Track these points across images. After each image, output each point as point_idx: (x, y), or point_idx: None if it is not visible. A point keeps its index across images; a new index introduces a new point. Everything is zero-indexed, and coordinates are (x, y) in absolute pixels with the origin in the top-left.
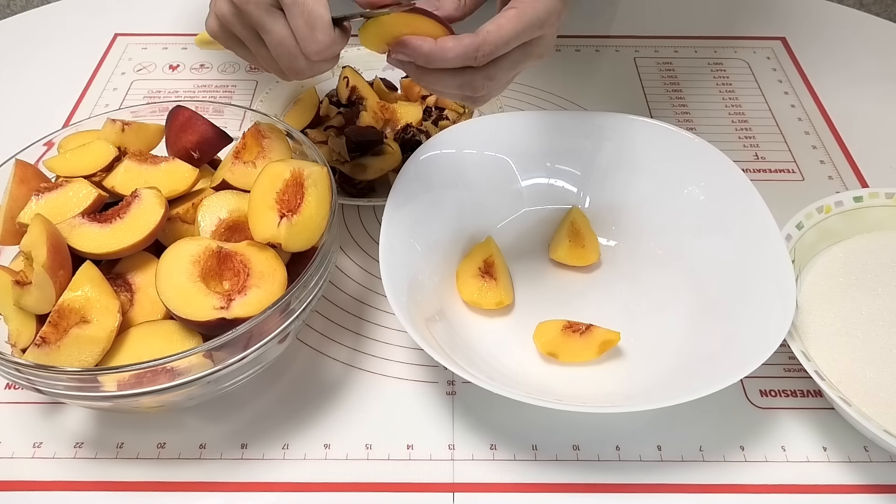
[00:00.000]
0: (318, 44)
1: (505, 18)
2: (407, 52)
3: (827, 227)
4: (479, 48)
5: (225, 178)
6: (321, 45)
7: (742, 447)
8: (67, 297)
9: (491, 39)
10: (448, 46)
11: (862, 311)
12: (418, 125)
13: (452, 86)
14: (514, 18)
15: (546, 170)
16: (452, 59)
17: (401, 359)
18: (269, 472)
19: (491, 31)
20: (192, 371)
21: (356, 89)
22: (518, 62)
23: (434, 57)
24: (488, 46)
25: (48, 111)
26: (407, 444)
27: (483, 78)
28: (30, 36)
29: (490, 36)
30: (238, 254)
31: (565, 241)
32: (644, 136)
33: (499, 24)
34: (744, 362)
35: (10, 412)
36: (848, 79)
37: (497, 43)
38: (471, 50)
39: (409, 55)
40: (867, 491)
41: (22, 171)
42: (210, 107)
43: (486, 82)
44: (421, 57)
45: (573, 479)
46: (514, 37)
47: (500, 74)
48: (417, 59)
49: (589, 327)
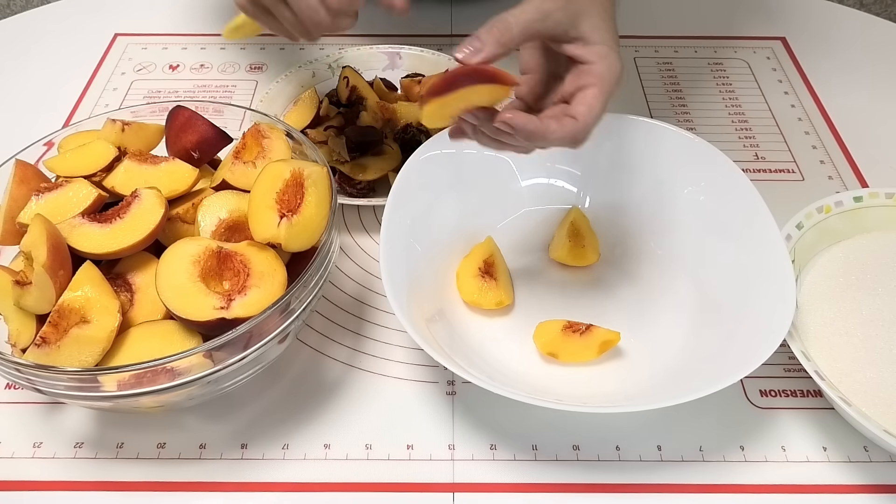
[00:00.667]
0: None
1: (592, 98)
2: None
3: (827, 227)
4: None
5: (225, 178)
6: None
7: (742, 447)
8: (67, 297)
9: (588, 123)
10: (552, 129)
11: (862, 311)
12: (418, 125)
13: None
14: (599, 97)
15: (546, 170)
16: (553, 142)
17: (401, 359)
18: (269, 472)
19: (585, 115)
20: (192, 371)
21: (356, 89)
22: None
23: (538, 135)
24: (586, 132)
25: (48, 111)
26: (407, 444)
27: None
28: (30, 36)
29: (588, 119)
30: (238, 254)
31: (565, 241)
32: (644, 136)
33: (589, 105)
34: (744, 362)
35: (10, 412)
36: (848, 79)
37: (592, 126)
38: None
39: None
40: (867, 491)
41: (22, 171)
42: (210, 107)
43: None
44: (526, 134)
45: (573, 479)
46: (602, 113)
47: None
48: (523, 134)
49: (589, 327)
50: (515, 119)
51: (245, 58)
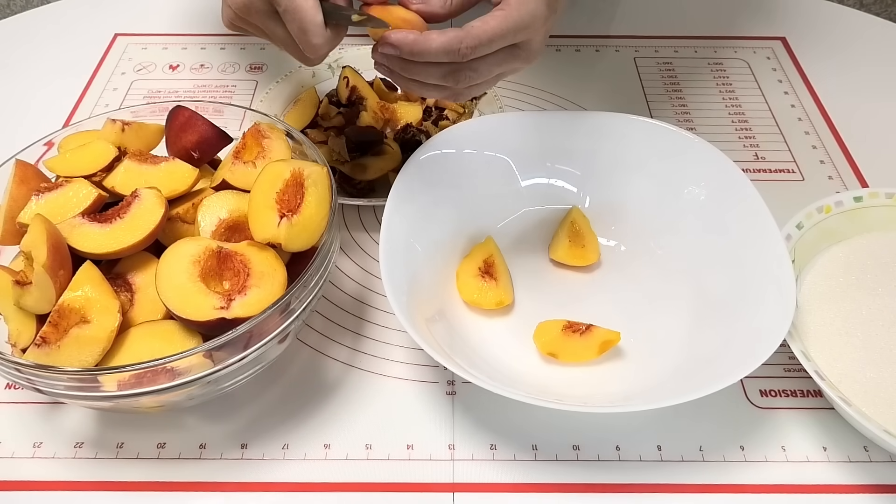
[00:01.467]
0: (312, 46)
1: (491, 17)
2: (392, 45)
3: (827, 227)
4: (462, 41)
5: (225, 178)
6: (315, 47)
7: (742, 447)
8: (67, 297)
9: (475, 34)
10: (432, 37)
11: (862, 311)
12: (418, 125)
13: (436, 76)
14: (499, 18)
15: (546, 170)
16: (436, 49)
17: (401, 359)
18: (269, 472)
19: (475, 27)
20: (192, 371)
21: (356, 89)
22: (502, 61)
23: (418, 47)
24: (472, 40)
25: (48, 111)
26: (407, 444)
27: (467, 69)
28: (30, 36)
29: (474, 31)
30: (238, 254)
31: (565, 241)
32: (644, 136)
33: (484, 20)
34: (744, 362)
35: (10, 412)
36: (848, 79)
37: (481, 38)
38: (454, 42)
39: (394, 48)
40: (867, 491)
41: (22, 171)
42: (210, 107)
43: (469, 73)
44: (406, 47)
45: (573, 479)
46: (499, 35)
47: (484, 69)
48: (402, 50)
49: (589, 327)
50: (392, 36)
51: (245, 58)
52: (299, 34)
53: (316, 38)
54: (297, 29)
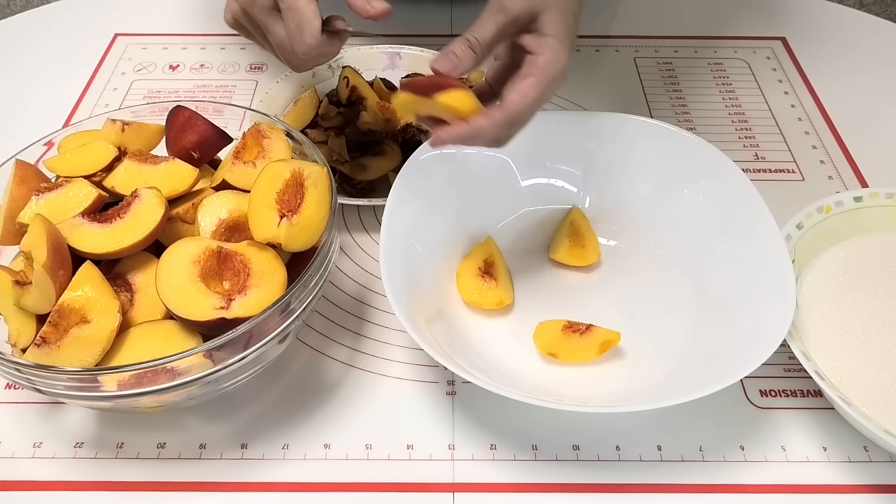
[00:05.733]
0: (305, 45)
1: (527, 87)
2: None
3: (827, 227)
4: (508, 122)
5: (225, 178)
6: (308, 47)
7: (742, 447)
8: (67, 297)
9: (519, 111)
10: (483, 126)
11: (862, 311)
12: (418, 125)
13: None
14: (535, 86)
15: (546, 170)
16: (487, 139)
17: (401, 359)
18: (269, 472)
19: (516, 102)
20: (192, 371)
21: (356, 89)
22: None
23: (472, 140)
24: (517, 119)
25: (48, 111)
26: (407, 444)
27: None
28: (30, 36)
29: (517, 107)
30: (238, 254)
31: (565, 241)
32: (644, 136)
33: (522, 93)
34: (744, 362)
35: (10, 412)
36: (848, 79)
37: (524, 114)
38: (502, 126)
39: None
40: (867, 491)
41: (22, 171)
42: (210, 107)
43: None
44: (461, 141)
45: (573, 479)
46: (538, 104)
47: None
48: (457, 143)
49: (589, 327)
50: (444, 135)
51: (245, 58)
52: (296, 32)
53: (310, 37)
54: (294, 27)
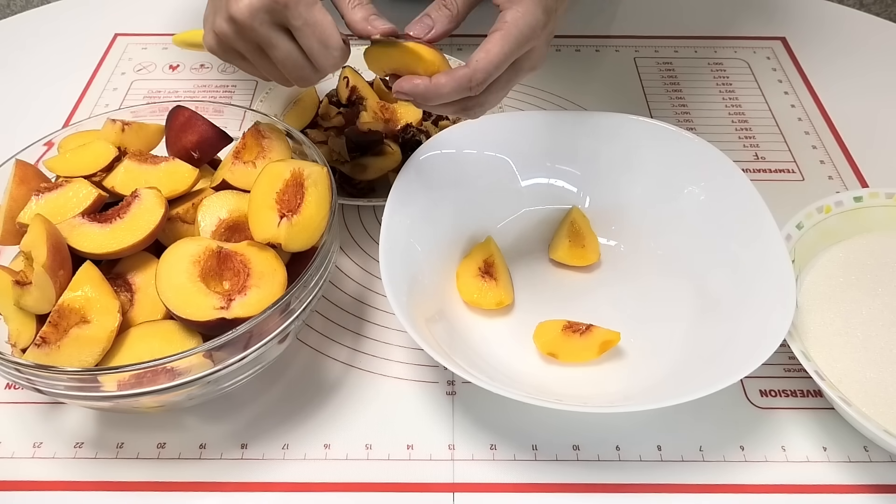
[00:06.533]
0: (332, 59)
1: (491, 43)
2: (404, 93)
3: (827, 227)
4: (471, 79)
5: (225, 178)
6: (335, 60)
7: (742, 447)
8: (67, 297)
9: (481, 67)
10: (442, 83)
11: (862, 311)
12: (418, 125)
13: (451, 110)
14: (500, 41)
15: (546, 170)
16: (448, 94)
17: (401, 359)
18: (269, 472)
19: (480, 60)
20: (192, 371)
21: (356, 89)
22: (509, 80)
23: (430, 94)
24: (480, 75)
25: (48, 111)
26: (407, 444)
27: (477, 102)
28: (30, 36)
29: (480, 64)
30: (238, 254)
31: (565, 241)
32: (644, 136)
33: (486, 49)
34: (744, 362)
35: (10, 412)
36: (848, 79)
37: (488, 70)
38: (464, 83)
39: (406, 95)
40: (867, 491)
41: (22, 171)
42: (210, 107)
43: (481, 101)
44: (418, 97)
45: (573, 479)
46: (504, 59)
47: (494, 92)
48: (415, 98)
49: (589, 327)
50: (404, 84)
51: None
52: (320, 48)
53: (336, 50)
54: (317, 43)
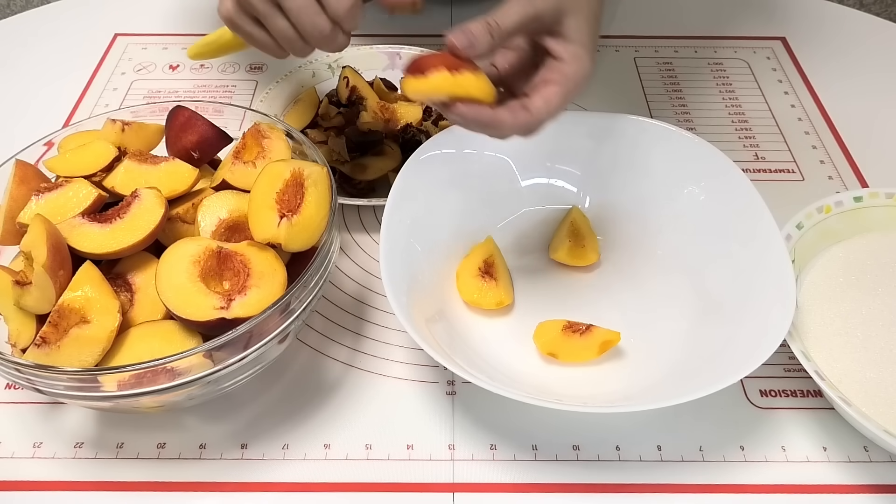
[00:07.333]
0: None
1: (552, 94)
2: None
3: (827, 227)
4: (529, 125)
5: (225, 178)
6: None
7: (742, 447)
8: (67, 297)
9: (541, 118)
10: (504, 120)
11: (862, 311)
12: (418, 125)
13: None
14: (559, 96)
15: (546, 170)
16: (506, 133)
17: (401, 359)
18: (269, 472)
19: (541, 109)
20: (192, 371)
21: (356, 89)
22: None
23: (490, 128)
24: (538, 125)
25: (48, 111)
26: (407, 444)
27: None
28: (30, 36)
29: (540, 114)
30: (238, 254)
31: (565, 241)
32: (644, 136)
33: (546, 100)
34: (744, 362)
35: (10, 412)
36: (848, 79)
37: (545, 120)
38: (523, 126)
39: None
40: (867, 491)
41: (22, 171)
42: (210, 107)
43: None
44: (479, 124)
45: (573, 479)
46: (559, 111)
47: None
48: (476, 124)
49: (589, 327)
50: (467, 111)
51: (245, 58)
52: None
53: None
54: None
